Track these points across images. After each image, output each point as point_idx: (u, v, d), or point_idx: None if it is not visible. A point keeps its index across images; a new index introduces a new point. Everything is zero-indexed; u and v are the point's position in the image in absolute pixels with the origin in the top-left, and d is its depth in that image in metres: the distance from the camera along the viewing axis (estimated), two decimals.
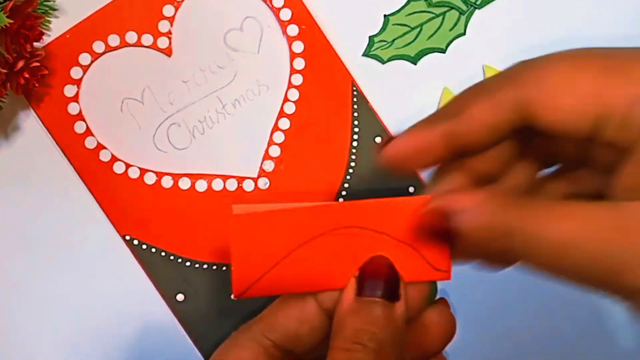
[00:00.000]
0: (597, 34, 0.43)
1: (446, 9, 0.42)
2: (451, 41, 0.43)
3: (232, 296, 0.34)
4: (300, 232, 0.33)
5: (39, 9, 0.39)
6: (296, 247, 0.33)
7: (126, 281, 0.42)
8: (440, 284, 0.39)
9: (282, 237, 0.33)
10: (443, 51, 0.43)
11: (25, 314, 0.41)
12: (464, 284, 0.43)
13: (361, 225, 0.34)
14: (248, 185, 0.42)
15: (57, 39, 0.41)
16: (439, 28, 0.42)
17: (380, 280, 0.32)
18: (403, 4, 0.42)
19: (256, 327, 0.33)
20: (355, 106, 0.42)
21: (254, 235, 0.33)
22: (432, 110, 0.41)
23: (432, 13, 0.42)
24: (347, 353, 0.30)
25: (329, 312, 0.33)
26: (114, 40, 0.41)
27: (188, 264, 0.41)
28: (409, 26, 0.42)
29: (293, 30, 0.42)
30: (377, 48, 0.42)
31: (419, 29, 0.42)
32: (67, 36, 0.41)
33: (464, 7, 0.42)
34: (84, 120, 0.41)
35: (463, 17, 0.42)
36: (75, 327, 0.42)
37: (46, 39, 0.41)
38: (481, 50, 0.43)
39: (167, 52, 0.41)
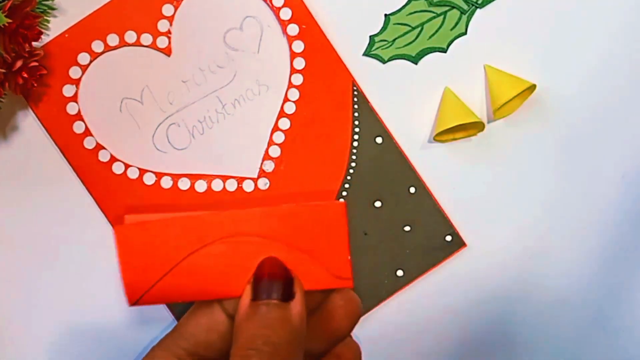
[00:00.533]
0: (599, 33, 0.43)
1: (447, 8, 0.42)
2: (452, 41, 0.42)
3: (128, 304, 0.34)
4: (190, 240, 0.34)
5: (38, 8, 0.39)
6: (187, 255, 0.34)
7: None
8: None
9: (172, 245, 0.34)
10: (444, 51, 0.42)
11: (23, 315, 0.41)
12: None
13: (255, 234, 0.34)
14: (248, 186, 0.42)
15: (55, 38, 0.41)
16: (440, 27, 0.42)
17: (273, 281, 0.33)
18: (404, 4, 0.42)
19: (169, 338, 0.34)
20: (356, 106, 0.42)
21: (143, 244, 0.34)
22: (433, 109, 0.42)
23: (433, 12, 0.42)
24: None
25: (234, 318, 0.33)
26: (113, 39, 0.41)
27: None
28: (409, 25, 0.42)
29: (293, 29, 0.42)
30: (377, 47, 0.42)
31: (420, 28, 0.42)
32: (66, 35, 0.41)
33: (465, 7, 0.42)
34: (82, 120, 0.41)
35: (464, 17, 0.42)
36: (74, 331, 0.42)
37: (45, 39, 0.41)
38: (483, 50, 0.42)
39: (167, 51, 0.41)
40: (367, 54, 0.42)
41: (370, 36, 0.42)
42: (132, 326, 0.42)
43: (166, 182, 0.41)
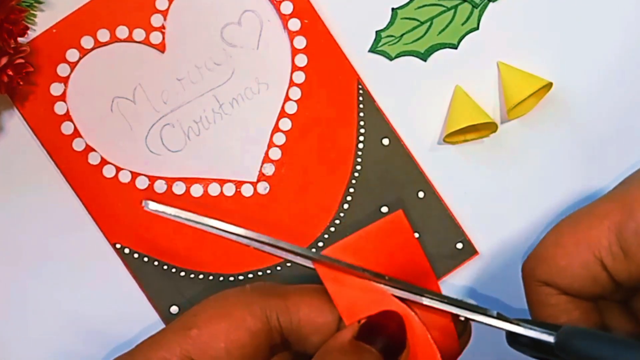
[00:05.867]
0: (618, 28, 0.42)
1: (458, 1, 0.42)
2: (463, 36, 0.42)
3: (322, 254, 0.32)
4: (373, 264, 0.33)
5: (24, 2, 0.39)
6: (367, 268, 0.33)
7: (117, 292, 0.41)
8: None
9: (367, 256, 0.33)
10: (455, 47, 0.42)
11: (11, 324, 0.41)
12: None
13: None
14: (247, 190, 0.41)
15: (42, 33, 0.41)
16: (450, 22, 0.42)
17: (387, 334, 0.32)
18: None
19: (275, 302, 0.32)
20: (361, 106, 0.42)
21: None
22: (443, 109, 0.42)
23: (443, 6, 0.42)
24: None
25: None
26: (103, 35, 0.41)
27: (182, 274, 0.41)
28: (418, 20, 0.42)
29: (295, 24, 0.41)
30: (384, 44, 0.42)
31: (429, 23, 0.42)
32: (54, 31, 0.41)
33: (477, 0, 0.42)
34: (71, 120, 0.41)
35: (476, 11, 0.42)
36: (63, 341, 0.41)
37: (31, 34, 0.41)
38: (495, 46, 0.42)
39: (161, 47, 0.41)
40: (373, 50, 0.42)
41: (376, 31, 0.42)
42: (124, 327, 0.41)
43: (160, 187, 0.41)
